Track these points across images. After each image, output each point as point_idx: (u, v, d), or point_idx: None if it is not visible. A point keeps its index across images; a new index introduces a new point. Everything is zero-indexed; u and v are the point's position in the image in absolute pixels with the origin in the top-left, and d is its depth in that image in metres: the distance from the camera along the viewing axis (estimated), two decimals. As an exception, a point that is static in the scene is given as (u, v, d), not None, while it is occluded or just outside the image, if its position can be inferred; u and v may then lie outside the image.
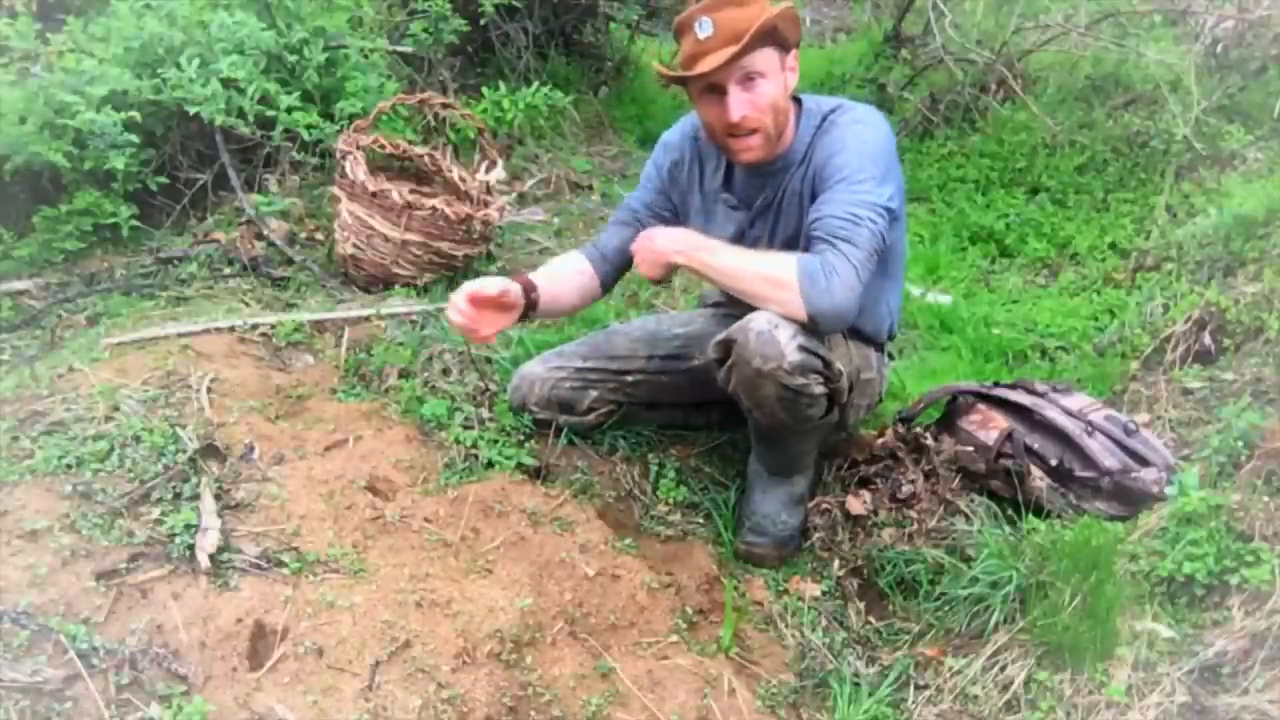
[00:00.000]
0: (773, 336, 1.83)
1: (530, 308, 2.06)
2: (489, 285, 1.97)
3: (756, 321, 1.85)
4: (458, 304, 1.93)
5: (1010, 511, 2.14)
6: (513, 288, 2.01)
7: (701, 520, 2.24)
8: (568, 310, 2.30)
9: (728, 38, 1.82)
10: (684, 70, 1.88)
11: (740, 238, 2.09)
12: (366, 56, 3.49)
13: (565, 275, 2.20)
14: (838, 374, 1.95)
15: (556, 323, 2.89)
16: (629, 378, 2.27)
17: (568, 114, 4.41)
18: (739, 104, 1.87)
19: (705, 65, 1.84)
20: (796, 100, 2.03)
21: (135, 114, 2.84)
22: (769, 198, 2.05)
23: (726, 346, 1.91)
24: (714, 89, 1.88)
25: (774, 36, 1.86)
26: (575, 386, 2.24)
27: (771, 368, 1.83)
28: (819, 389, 1.92)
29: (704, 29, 1.84)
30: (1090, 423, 2.12)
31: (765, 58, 1.87)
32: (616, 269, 2.24)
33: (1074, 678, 1.69)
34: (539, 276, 2.12)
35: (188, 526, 1.71)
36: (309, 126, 3.10)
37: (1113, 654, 1.67)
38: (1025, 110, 4.43)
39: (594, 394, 2.26)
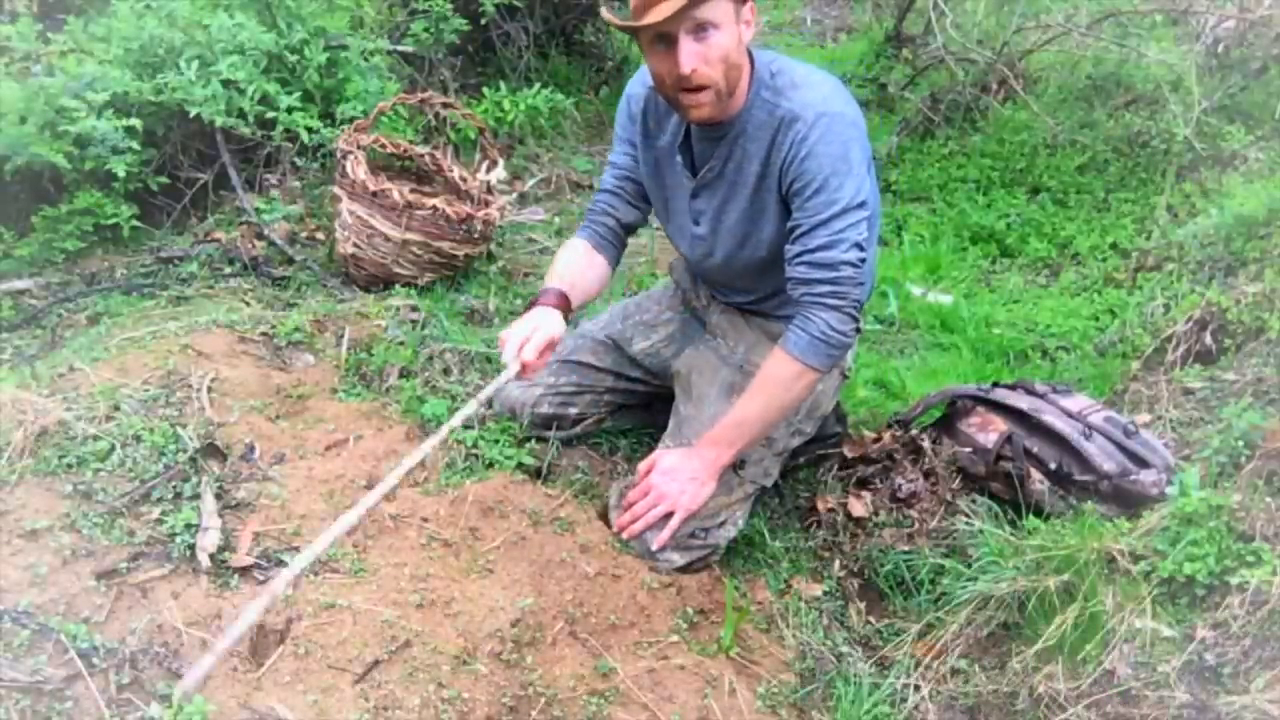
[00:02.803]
0: (653, 557, 1.98)
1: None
2: (549, 331, 1.90)
3: (639, 546, 1.99)
4: (528, 358, 1.85)
5: (1011, 513, 2.14)
6: (559, 328, 1.95)
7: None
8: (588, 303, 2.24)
9: None
10: (635, 19, 1.76)
11: (685, 210, 2.07)
12: (367, 58, 3.49)
13: (586, 276, 2.11)
14: (724, 541, 2.05)
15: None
16: (606, 396, 2.29)
17: (568, 114, 4.42)
18: (689, 56, 1.75)
19: (656, 14, 1.71)
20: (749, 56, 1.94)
21: (136, 121, 2.84)
22: (716, 167, 1.97)
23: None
24: (664, 39, 1.77)
25: None
26: (555, 404, 2.25)
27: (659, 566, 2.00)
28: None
29: None
30: (1089, 425, 2.12)
31: (719, 8, 1.75)
32: (619, 248, 2.20)
33: (1074, 678, 1.69)
34: (563, 283, 2.03)
35: (188, 526, 1.71)
36: (309, 129, 3.10)
37: (1112, 654, 1.66)
38: (1026, 110, 4.43)
39: (575, 409, 2.27)
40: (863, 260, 1.87)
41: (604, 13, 1.90)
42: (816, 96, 1.87)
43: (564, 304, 1.99)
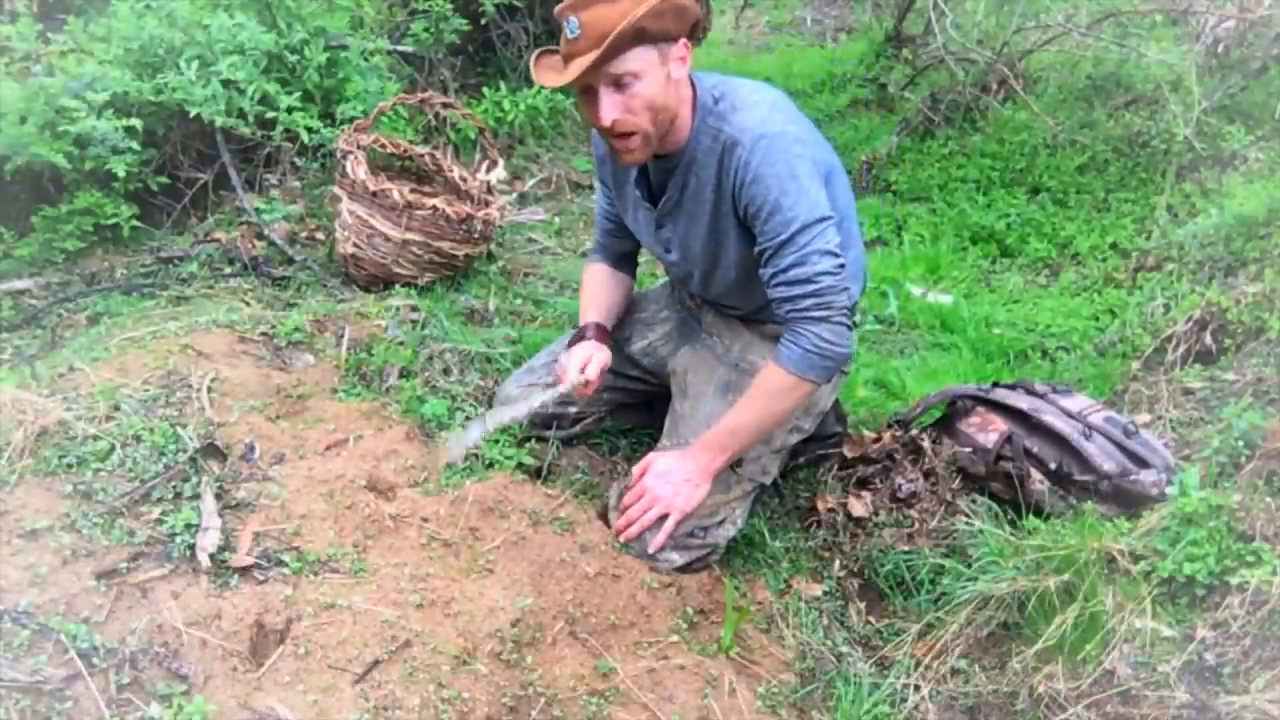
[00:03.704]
0: (652, 558, 1.98)
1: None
2: (603, 359, 2.10)
3: (638, 546, 1.99)
4: (591, 375, 2.05)
5: (1011, 513, 2.14)
6: (609, 357, 2.13)
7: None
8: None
9: (593, 39, 1.72)
10: (561, 70, 1.80)
11: (654, 241, 2.10)
12: (367, 58, 3.50)
13: (615, 298, 2.28)
14: (724, 540, 2.06)
15: (557, 321, 2.90)
16: (605, 395, 2.29)
17: (568, 114, 4.42)
18: (610, 107, 1.78)
19: (571, 71, 1.75)
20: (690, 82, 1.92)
21: (136, 121, 2.84)
22: (674, 196, 1.98)
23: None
24: (587, 91, 1.80)
25: (643, 36, 1.74)
26: (554, 403, 2.24)
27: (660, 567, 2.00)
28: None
29: (571, 29, 1.74)
30: (1089, 425, 2.12)
31: (638, 57, 1.75)
32: (635, 265, 2.36)
33: (1074, 677, 1.69)
34: (601, 315, 2.20)
35: (188, 526, 1.71)
36: (309, 129, 3.10)
37: (1112, 654, 1.67)
38: (1026, 110, 4.43)
39: (574, 409, 2.28)
40: (840, 267, 1.86)
41: (533, 68, 1.89)
42: (755, 118, 1.85)
43: (607, 337, 2.16)
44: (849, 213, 2.05)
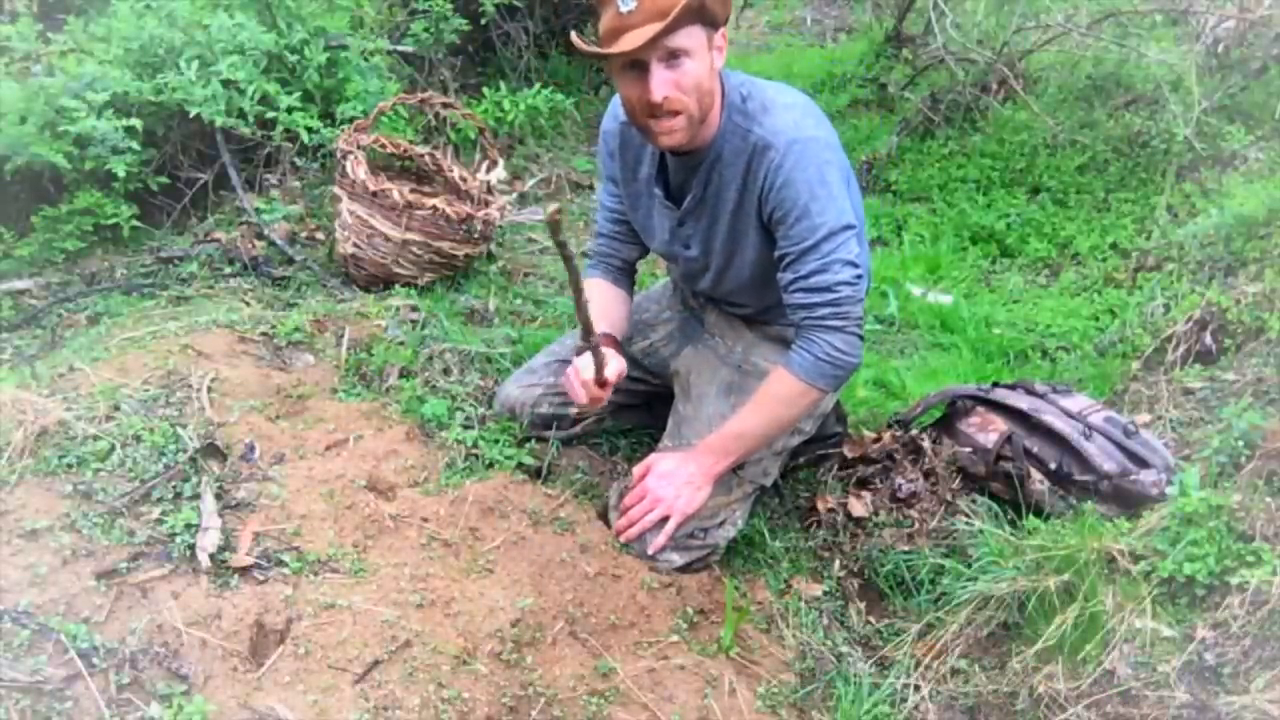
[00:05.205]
0: (652, 558, 1.98)
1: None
2: (619, 365, 1.99)
3: (639, 547, 1.99)
4: (593, 390, 1.95)
5: (1011, 513, 2.14)
6: (622, 364, 2.02)
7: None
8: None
9: (652, 13, 1.69)
10: (604, 46, 1.75)
11: (672, 237, 2.07)
12: (367, 58, 3.50)
13: (619, 312, 2.19)
14: (724, 541, 2.06)
15: (557, 321, 2.90)
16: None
17: (568, 114, 4.42)
18: (662, 83, 1.74)
19: (627, 43, 1.71)
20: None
21: (136, 121, 2.84)
22: (698, 194, 1.97)
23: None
24: (635, 66, 1.76)
25: (701, 14, 1.73)
26: (555, 404, 2.24)
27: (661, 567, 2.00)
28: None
29: (626, 3, 1.70)
30: (1089, 425, 2.12)
31: (691, 35, 1.74)
32: (633, 281, 2.29)
33: (1074, 677, 1.69)
34: (609, 326, 2.10)
35: (188, 526, 1.71)
36: (309, 129, 3.10)
37: (1112, 654, 1.66)
38: (1026, 110, 4.43)
39: (575, 409, 2.26)
40: (859, 277, 1.87)
41: (574, 39, 1.88)
42: (787, 122, 1.86)
43: (618, 346, 2.07)
44: (861, 217, 2.05)
